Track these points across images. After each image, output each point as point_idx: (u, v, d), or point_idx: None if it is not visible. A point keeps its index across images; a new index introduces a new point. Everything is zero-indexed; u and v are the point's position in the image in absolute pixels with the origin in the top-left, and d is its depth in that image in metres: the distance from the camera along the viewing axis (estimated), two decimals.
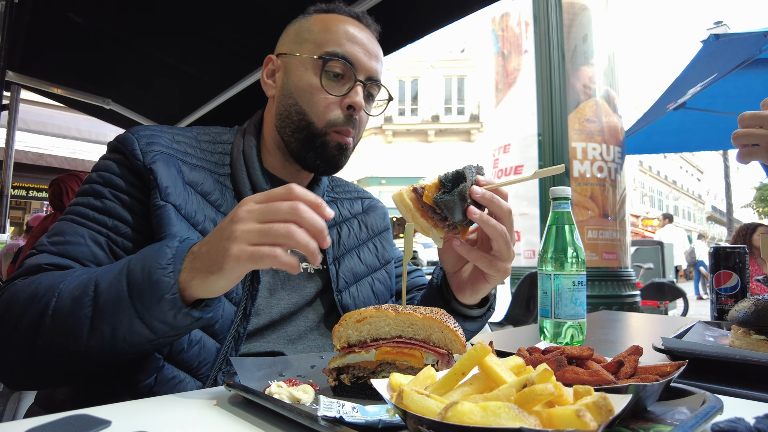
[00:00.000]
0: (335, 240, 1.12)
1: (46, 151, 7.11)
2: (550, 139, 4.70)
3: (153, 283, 0.69)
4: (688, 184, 41.50)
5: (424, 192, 0.85)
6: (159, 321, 0.70)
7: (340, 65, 1.00)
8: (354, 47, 1.02)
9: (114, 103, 2.83)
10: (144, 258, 0.73)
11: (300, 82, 1.01)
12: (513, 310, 4.07)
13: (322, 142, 1.01)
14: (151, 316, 0.70)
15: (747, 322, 0.91)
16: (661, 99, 5.22)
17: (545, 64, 4.75)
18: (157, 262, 0.70)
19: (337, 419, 0.51)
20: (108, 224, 0.89)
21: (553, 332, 1.07)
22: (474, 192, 0.84)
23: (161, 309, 0.69)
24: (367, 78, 1.04)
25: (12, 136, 2.92)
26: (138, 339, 0.72)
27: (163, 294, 0.69)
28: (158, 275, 0.69)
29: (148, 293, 0.69)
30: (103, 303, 0.71)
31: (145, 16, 2.00)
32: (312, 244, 0.68)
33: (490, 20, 5.49)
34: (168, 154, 0.95)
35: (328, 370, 0.71)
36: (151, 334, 0.71)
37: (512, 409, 0.40)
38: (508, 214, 0.86)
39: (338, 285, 1.07)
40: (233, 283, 0.71)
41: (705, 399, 0.54)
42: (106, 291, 0.72)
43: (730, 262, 1.36)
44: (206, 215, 0.94)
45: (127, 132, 0.97)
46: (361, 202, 1.27)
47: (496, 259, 0.88)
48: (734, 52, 4.30)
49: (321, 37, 1.02)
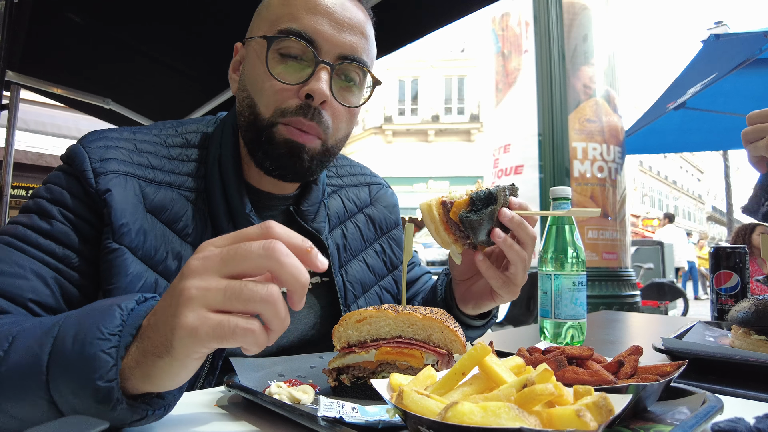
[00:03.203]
0: (340, 243, 1.01)
1: (46, 151, 7.11)
2: (551, 139, 4.70)
3: (85, 358, 0.48)
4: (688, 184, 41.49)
5: (452, 208, 0.82)
6: (73, 410, 0.50)
7: (295, 45, 0.80)
8: (315, 19, 0.80)
9: (114, 102, 2.82)
10: (82, 318, 0.52)
11: (252, 71, 0.84)
12: (513, 310, 4.08)
13: (267, 136, 0.82)
14: (66, 402, 0.49)
15: (747, 323, 0.91)
16: (661, 99, 5.22)
17: (545, 64, 4.75)
18: (98, 329, 0.49)
19: (337, 419, 0.51)
20: (57, 253, 0.72)
21: (554, 332, 1.06)
22: (503, 215, 0.80)
23: (84, 396, 0.48)
24: (338, 57, 0.82)
25: (12, 135, 2.92)
26: (31, 415, 0.52)
27: (93, 377, 0.47)
28: (95, 348, 0.48)
29: (74, 370, 0.49)
30: (10, 365, 0.52)
31: (144, 16, 2.00)
32: (287, 321, 0.50)
33: (491, 20, 5.49)
34: (127, 173, 0.78)
35: (328, 370, 0.71)
36: (53, 415, 0.51)
37: (512, 409, 0.39)
38: (532, 241, 0.83)
39: (346, 299, 0.97)
40: (191, 370, 0.50)
41: (705, 399, 0.54)
42: (21, 351, 0.52)
43: (730, 262, 1.36)
44: (169, 251, 0.78)
45: (77, 143, 0.80)
46: (368, 189, 1.15)
47: (510, 281, 0.85)
48: (734, 52, 4.30)
49: (277, 12, 0.83)
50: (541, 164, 4.75)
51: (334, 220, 1.03)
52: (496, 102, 5.42)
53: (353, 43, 0.84)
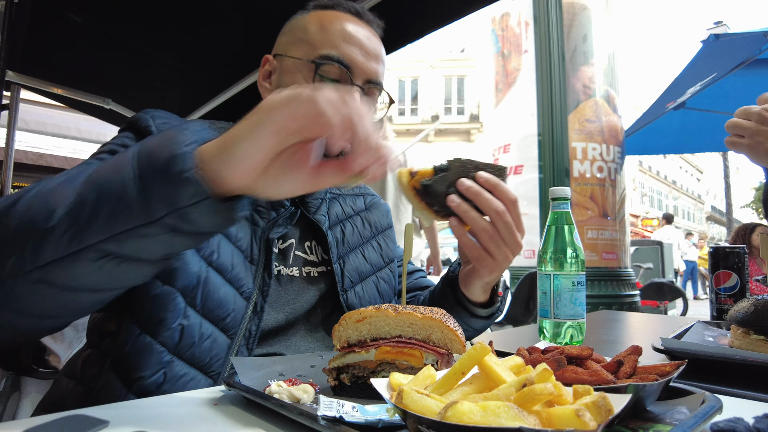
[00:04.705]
0: (339, 238, 1.09)
1: (47, 151, 7.11)
2: (550, 139, 4.71)
3: (173, 157, 0.56)
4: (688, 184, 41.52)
5: (416, 175, 0.86)
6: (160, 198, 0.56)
7: (336, 69, 0.94)
8: (350, 48, 0.95)
9: (114, 103, 2.83)
10: (158, 139, 0.60)
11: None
12: (512, 310, 4.08)
13: None
14: (158, 199, 0.56)
15: (746, 322, 0.91)
16: (661, 99, 5.23)
17: (545, 64, 4.76)
18: (176, 140, 0.58)
19: (337, 419, 0.51)
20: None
21: (553, 332, 1.07)
22: (460, 183, 0.83)
23: (181, 191, 0.56)
24: (365, 81, 0.98)
25: (12, 135, 2.92)
26: (124, 224, 0.57)
27: (184, 170, 0.55)
28: (181, 149, 0.56)
29: (163, 172, 0.56)
30: (96, 175, 0.59)
31: (145, 17, 2.00)
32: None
33: (490, 20, 5.49)
34: None
35: (328, 369, 0.71)
36: (145, 215, 0.56)
37: (512, 409, 0.40)
38: (495, 213, 0.83)
39: (344, 284, 1.04)
40: (266, 146, 0.56)
41: (704, 399, 0.54)
42: (106, 172, 0.60)
43: (729, 262, 1.36)
44: None
45: (141, 113, 0.93)
46: (363, 199, 1.25)
47: (485, 253, 0.87)
48: (734, 52, 4.31)
49: (316, 37, 0.96)
50: (540, 164, 4.76)
51: (333, 220, 1.12)
52: (495, 102, 5.42)
53: (377, 70, 0.99)
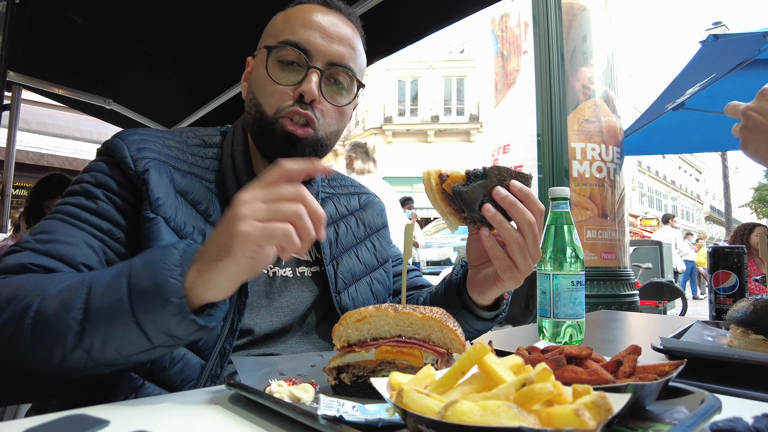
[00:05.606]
0: (333, 239, 1.09)
1: (47, 151, 7.12)
2: (550, 139, 4.70)
3: (159, 285, 0.63)
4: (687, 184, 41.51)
5: (447, 180, 0.84)
6: (159, 329, 0.65)
7: (291, 53, 0.94)
8: (308, 33, 0.95)
9: (114, 103, 2.83)
10: (148, 259, 0.67)
11: (257, 76, 0.99)
12: (512, 310, 4.07)
13: (271, 130, 0.95)
14: (153, 324, 0.64)
15: (745, 322, 0.91)
16: (660, 99, 5.23)
17: (544, 65, 4.75)
18: (163, 263, 0.65)
19: (337, 418, 0.51)
20: (102, 227, 0.83)
21: (552, 332, 1.07)
22: (496, 192, 0.81)
23: (165, 315, 0.64)
24: (327, 63, 0.96)
25: (13, 136, 2.92)
26: (131, 349, 0.66)
27: (169, 297, 0.63)
28: (165, 276, 0.64)
29: (152, 297, 0.64)
30: (96, 307, 0.65)
31: (145, 17, 2.01)
32: (313, 232, 0.66)
33: (490, 21, 5.49)
34: (160, 160, 0.90)
35: (328, 369, 0.71)
36: (147, 343, 0.65)
37: (511, 408, 0.40)
38: (527, 224, 0.82)
39: (337, 286, 1.04)
40: (245, 270, 0.66)
41: (703, 398, 0.54)
42: (101, 294, 0.65)
43: (728, 262, 1.37)
44: (195, 226, 0.89)
45: (115, 137, 0.92)
46: (357, 198, 1.24)
47: (512, 264, 0.85)
48: (733, 53, 4.31)
49: (279, 28, 0.99)
50: (540, 164, 4.75)
51: (327, 221, 1.07)
52: (495, 103, 5.42)
53: (341, 52, 0.97)
